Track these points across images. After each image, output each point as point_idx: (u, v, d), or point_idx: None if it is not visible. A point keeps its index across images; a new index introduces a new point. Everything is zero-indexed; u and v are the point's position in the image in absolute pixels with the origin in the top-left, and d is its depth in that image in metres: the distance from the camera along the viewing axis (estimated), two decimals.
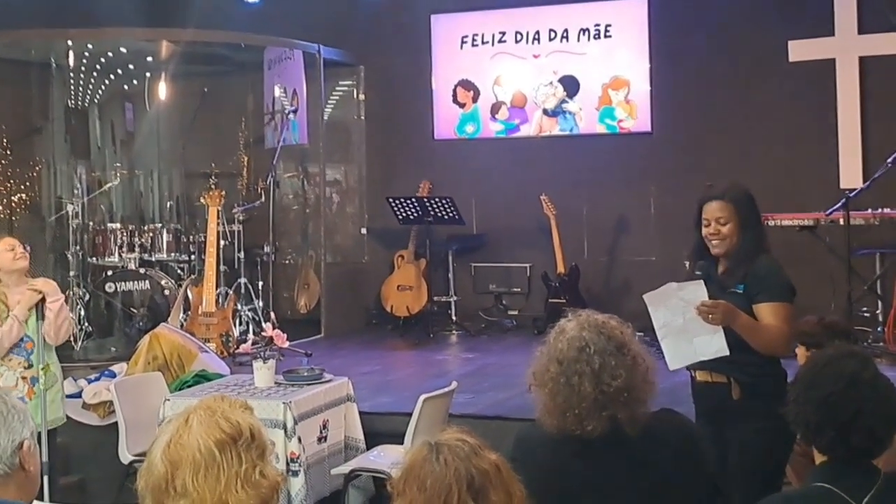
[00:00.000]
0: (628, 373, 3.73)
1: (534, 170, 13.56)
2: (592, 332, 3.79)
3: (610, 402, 3.70)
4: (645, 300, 5.41)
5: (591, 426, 3.72)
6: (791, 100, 12.57)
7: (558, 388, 3.76)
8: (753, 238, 5.48)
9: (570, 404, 3.73)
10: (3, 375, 7.07)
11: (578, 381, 3.72)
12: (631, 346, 3.80)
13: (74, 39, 12.64)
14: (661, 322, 5.34)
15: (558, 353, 3.81)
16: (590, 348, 3.75)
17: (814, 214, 10.88)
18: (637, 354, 3.79)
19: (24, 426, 3.23)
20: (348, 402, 7.85)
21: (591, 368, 3.72)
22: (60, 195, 13.22)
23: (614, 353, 3.74)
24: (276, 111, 13.74)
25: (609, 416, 3.71)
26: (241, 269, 12.56)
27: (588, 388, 3.70)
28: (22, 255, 7.17)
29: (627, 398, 3.71)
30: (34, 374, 7.11)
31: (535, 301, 13.40)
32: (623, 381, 3.70)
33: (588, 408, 3.71)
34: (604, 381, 3.70)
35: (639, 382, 3.75)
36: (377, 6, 13.97)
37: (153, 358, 9.11)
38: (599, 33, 13.56)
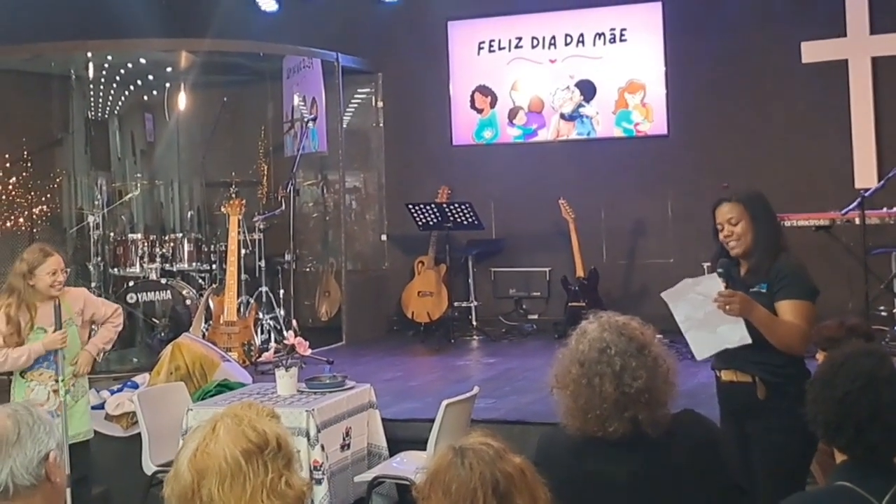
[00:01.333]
0: (649, 374, 3.74)
1: (552, 174, 13.58)
2: (613, 333, 3.81)
3: (631, 404, 3.71)
4: (664, 298, 5.47)
5: (612, 427, 3.73)
6: (805, 100, 12.59)
7: (580, 390, 3.78)
8: (768, 233, 5.51)
9: (591, 405, 3.75)
10: (34, 390, 7.11)
11: (600, 383, 3.73)
12: (652, 348, 3.81)
13: (94, 51, 12.71)
14: (683, 316, 5.40)
15: (580, 355, 3.83)
16: (611, 349, 3.76)
17: (829, 214, 10.87)
18: (658, 356, 3.80)
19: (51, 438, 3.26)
20: (371, 408, 7.87)
21: (612, 370, 3.73)
22: (81, 206, 13.28)
23: (635, 355, 3.75)
24: (296, 119, 13.77)
25: (630, 418, 3.72)
26: (262, 277, 12.60)
27: (609, 390, 3.71)
28: (60, 284, 7.14)
29: (649, 399, 3.72)
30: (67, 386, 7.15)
31: (555, 305, 13.42)
32: (644, 382, 3.71)
33: (610, 409, 3.72)
34: (625, 382, 3.71)
35: (660, 383, 3.76)
36: (394, 14, 14.04)
37: (175, 368, 9.13)
38: (615, 37, 13.59)
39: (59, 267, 7.15)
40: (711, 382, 5.78)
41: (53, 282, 7.07)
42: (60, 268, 7.16)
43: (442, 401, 7.01)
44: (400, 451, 7.77)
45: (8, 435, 3.19)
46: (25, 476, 3.17)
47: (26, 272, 7.07)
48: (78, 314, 7.33)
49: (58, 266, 7.13)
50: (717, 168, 12.49)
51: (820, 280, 5.55)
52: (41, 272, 7.05)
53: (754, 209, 5.51)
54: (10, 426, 3.23)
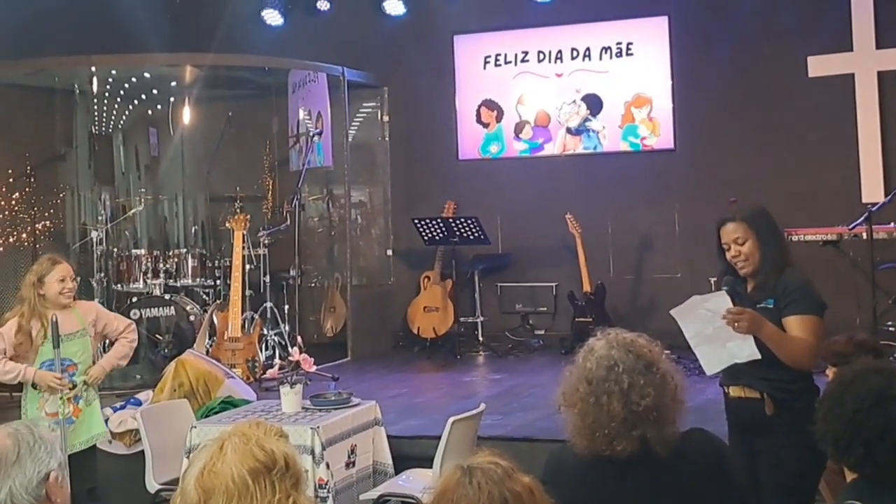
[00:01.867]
0: (657, 391, 3.69)
1: (558, 188, 13.56)
2: (621, 350, 3.76)
3: (639, 422, 3.67)
4: (673, 314, 5.43)
5: (620, 446, 3.69)
6: (811, 115, 12.59)
7: (588, 408, 3.74)
8: (775, 250, 5.47)
9: (599, 424, 3.71)
10: (48, 401, 7.08)
11: (608, 401, 3.69)
12: (660, 365, 3.76)
13: (98, 65, 12.67)
14: (693, 332, 5.38)
15: (587, 373, 3.78)
16: (619, 367, 3.72)
17: (837, 229, 10.86)
18: (666, 373, 3.76)
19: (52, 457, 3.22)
20: (376, 426, 7.81)
21: (620, 388, 3.69)
22: (84, 222, 13.22)
23: (643, 372, 3.71)
24: (301, 134, 13.76)
25: (639, 436, 3.68)
26: (266, 293, 12.54)
27: (617, 408, 3.67)
28: (69, 291, 7.16)
29: (657, 417, 3.68)
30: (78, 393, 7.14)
31: (562, 320, 13.38)
32: (652, 400, 3.67)
33: (618, 427, 3.68)
34: (633, 400, 3.67)
35: (668, 401, 3.72)
36: (400, 28, 14.04)
37: (179, 385, 9.09)
38: (621, 51, 13.58)
39: (68, 274, 7.17)
40: (720, 398, 5.74)
41: (62, 289, 7.09)
42: (69, 275, 7.19)
43: (448, 417, 6.96)
44: (406, 468, 7.70)
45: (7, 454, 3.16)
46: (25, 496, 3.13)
47: (35, 281, 7.11)
48: (91, 325, 7.31)
49: (66, 273, 7.16)
50: (724, 182, 12.46)
51: (827, 295, 5.50)
52: (50, 280, 7.08)
53: (759, 227, 5.48)
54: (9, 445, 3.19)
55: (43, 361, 7.10)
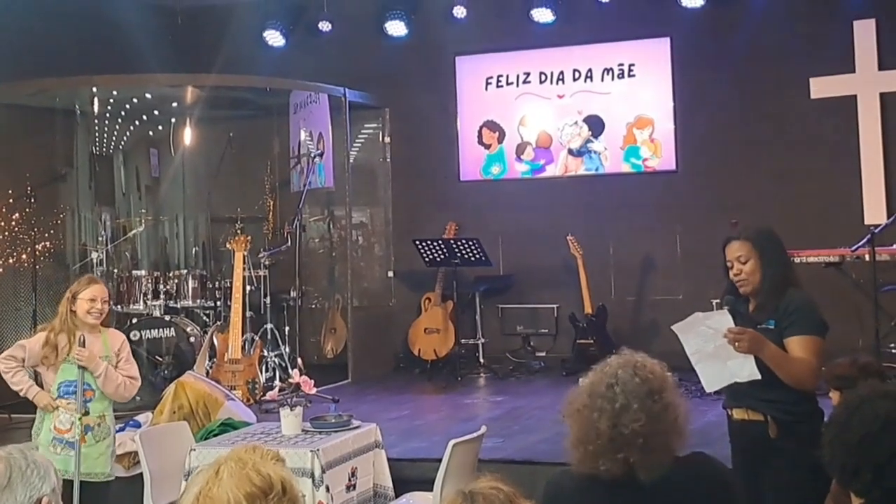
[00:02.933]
0: (651, 419, 3.63)
1: (560, 210, 13.56)
2: (627, 371, 3.71)
3: (625, 445, 3.62)
4: (674, 330, 5.42)
5: (605, 466, 3.64)
6: (814, 136, 12.62)
7: (581, 421, 3.71)
8: (777, 271, 5.46)
9: (588, 439, 3.67)
10: (59, 416, 7.03)
11: (597, 418, 3.65)
12: (664, 394, 3.69)
13: (99, 86, 12.69)
14: (693, 348, 5.37)
15: (591, 386, 3.75)
16: (617, 387, 3.67)
17: (839, 251, 10.83)
18: (669, 404, 3.69)
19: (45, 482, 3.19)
20: (377, 448, 7.77)
21: (612, 407, 3.64)
22: (85, 242, 13.20)
23: (641, 397, 3.65)
24: (302, 155, 13.76)
25: (623, 459, 3.63)
26: (267, 314, 12.52)
27: (604, 427, 3.63)
28: (97, 312, 7.11)
29: (643, 444, 3.62)
30: (89, 423, 7.08)
31: (563, 342, 13.34)
32: (641, 427, 3.61)
33: (603, 446, 3.64)
34: (622, 422, 3.62)
35: (661, 431, 3.65)
36: (402, 49, 14.03)
37: (179, 407, 9.05)
38: (623, 73, 13.58)
39: (100, 296, 7.13)
40: (723, 421, 5.72)
41: (91, 308, 7.05)
42: (101, 297, 7.14)
43: (449, 440, 6.92)
44: (406, 491, 7.66)
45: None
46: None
47: (70, 297, 7.09)
48: (115, 354, 7.26)
49: (98, 294, 7.11)
50: (726, 204, 12.45)
51: (829, 317, 5.48)
52: (82, 298, 7.05)
53: (763, 247, 5.47)
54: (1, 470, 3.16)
55: (61, 382, 7.05)
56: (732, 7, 12.82)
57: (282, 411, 7.57)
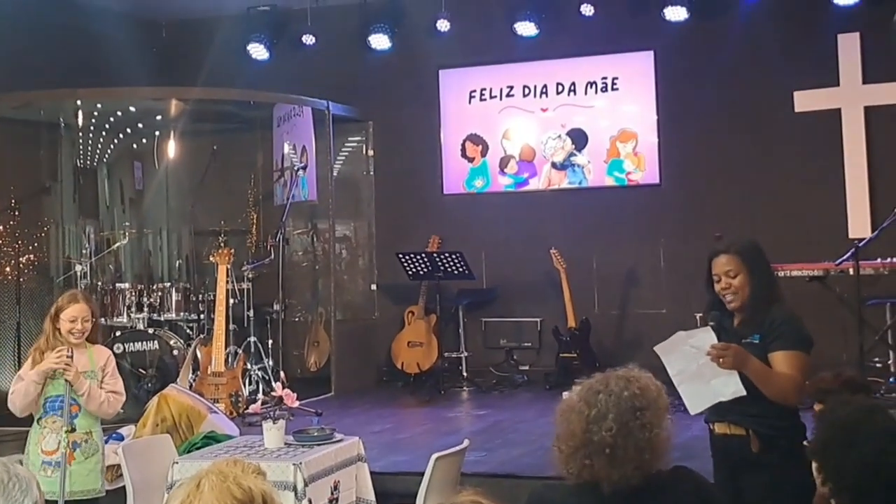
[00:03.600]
0: (622, 432, 3.61)
1: (543, 223, 13.57)
2: (620, 383, 3.71)
3: (592, 452, 3.62)
4: (657, 351, 5.39)
5: (572, 470, 3.66)
6: (798, 150, 12.64)
7: (563, 421, 3.73)
8: (764, 286, 5.46)
9: (564, 439, 3.70)
10: (45, 438, 6.99)
11: (575, 419, 3.67)
12: (646, 413, 3.67)
13: (83, 99, 12.67)
14: (676, 369, 5.33)
15: (583, 390, 3.76)
16: (602, 395, 3.68)
17: (823, 265, 10.85)
18: (648, 423, 3.66)
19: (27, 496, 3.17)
20: (359, 462, 7.75)
21: (590, 412, 3.65)
22: (69, 255, 13.17)
23: (622, 409, 3.64)
24: (286, 168, 13.74)
25: (589, 466, 3.64)
26: (250, 327, 12.51)
27: (577, 429, 3.65)
28: (78, 332, 7.03)
29: (609, 454, 3.61)
30: (76, 440, 7.04)
31: (547, 356, 13.34)
32: (611, 437, 3.60)
33: (574, 448, 3.65)
34: (593, 428, 3.62)
35: (630, 445, 3.62)
36: (386, 62, 14.03)
37: (162, 420, 9.01)
38: (607, 86, 13.61)
39: (80, 315, 7.04)
40: (705, 435, 5.71)
41: (72, 328, 7.00)
42: (82, 316, 7.06)
43: (431, 454, 6.91)
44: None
45: None
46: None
47: (53, 315, 7.02)
48: (100, 370, 7.23)
49: (79, 314, 7.03)
50: (710, 217, 12.48)
51: (814, 331, 5.47)
52: (64, 317, 6.99)
53: (752, 261, 5.45)
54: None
55: (47, 397, 7.01)
56: (716, 21, 12.85)
57: (264, 424, 7.55)
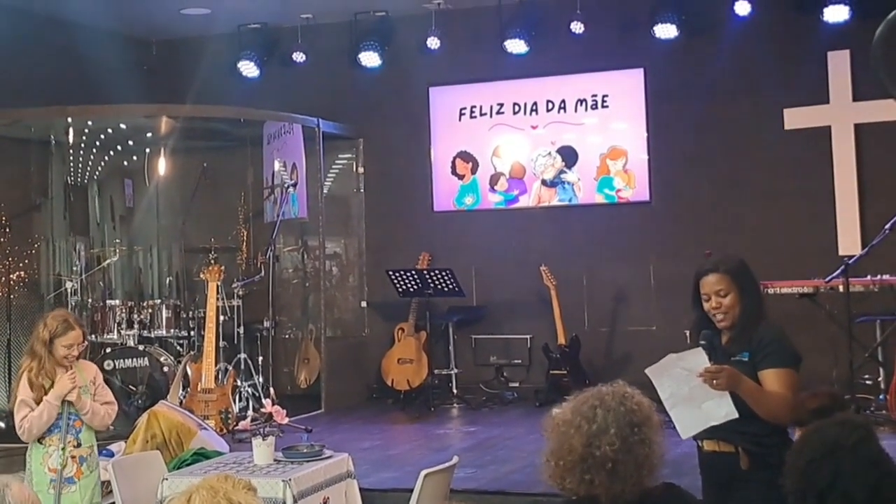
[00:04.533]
0: (624, 447, 3.63)
1: (533, 240, 13.59)
2: (616, 399, 3.72)
3: (594, 467, 3.63)
4: (648, 374, 5.36)
5: (570, 485, 3.66)
6: (788, 167, 12.66)
7: (557, 436, 3.73)
8: (754, 304, 5.43)
9: (560, 454, 3.69)
10: (51, 455, 6.98)
11: (573, 434, 3.67)
12: (644, 428, 3.69)
13: (74, 116, 12.68)
14: (668, 393, 5.28)
15: (575, 405, 3.76)
16: (600, 409, 3.69)
17: (813, 282, 10.83)
18: (646, 439, 3.68)
19: None
20: (349, 478, 7.74)
21: (590, 427, 3.66)
22: (59, 272, 13.17)
23: (621, 425, 3.66)
24: (276, 185, 13.73)
25: (589, 481, 3.64)
26: (240, 344, 12.52)
27: (577, 444, 3.65)
28: (73, 357, 7.03)
29: (611, 469, 3.62)
30: (83, 454, 7.05)
31: (537, 373, 13.36)
32: (613, 452, 3.62)
33: (573, 463, 3.65)
34: (595, 443, 3.63)
35: (631, 461, 3.65)
36: (376, 79, 14.07)
37: (152, 436, 9.00)
38: (597, 104, 13.63)
39: (76, 342, 7.07)
40: (694, 452, 5.68)
41: (68, 354, 7.00)
42: (78, 342, 7.08)
43: (421, 470, 6.91)
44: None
45: None
46: None
47: (47, 340, 6.98)
48: (91, 383, 7.23)
49: (75, 341, 7.05)
50: (700, 235, 12.50)
51: (804, 348, 5.47)
52: (59, 343, 6.98)
53: (741, 280, 5.43)
54: None
55: None
56: (706, 38, 12.89)
57: (254, 441, 7.55)
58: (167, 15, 13.90)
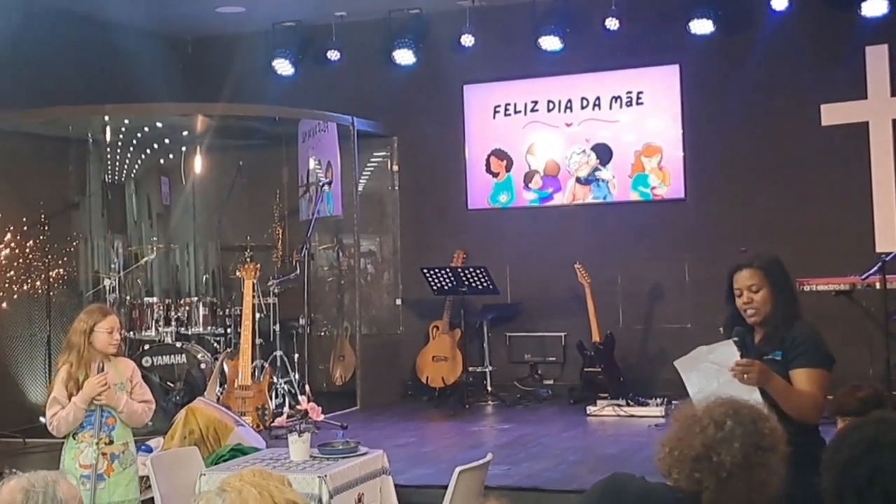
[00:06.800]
0: (744, 464, 3.60)
1: (567, 238, 13.56)
2: (751, 416, 3.69)
3: (706, 469, 3.59)
4: (676, 366, 5.37)
5: (677, 476, 3.63)
6: (825, 163, 12.57)
7: (682, 426, 3.69)
8: (787, 302, 5.42)
9: (676, 444, 3.67)
10: (83, 452, 7.04)
11: (698, 432, 3.63)
12: (768, 455, 3.65)
13: (111, 115, 12.76)
14: (696, 388, 5.29)
15: (710, 406, 3.72)
16: (731, 421, 3.64)
17: (850, 279, 10.76)
18: (766, 465, 3.64)
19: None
20: (384, 475, 7.77)
21: (715, 433, 3.62)
22: (97, 270, 13.26)
23: (747, 443, 3.62)
24: (311, 183, 13.79)
25: (697, 480, 3.60)
26: (276, 341, 12.57)
27: (697, 443, 3.61)
28: (117, 342, 7.17)
29: (725, 478, 3.58)
30: (115, 451, 7.11)
31: (571, 370, 13.34)
32: (732, 464, 3.58)
33: (685, 457, 3.62)
34: (716, 449, 3.58)
35: (745, 477, 3.61)
36: (410, 77, 14.08)
37: (189, 432, 9.08)
38: (632, 100, 13.59)
39: (116, 326, 7.15)
40: None
41: (111, 339, 7.07)
42: (117, 327, 7.16)
43: (455, 467, 6.92)
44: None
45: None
46: None
47: (87, 330, 7.04)
48: (128, 380, 7.29)
49: (114, 325, 7.13)
50: (735, 232, 12.43)
51: (839, 346, 5.47)
52: (100, 329, 7.04)
53: (774, 277, 5.42)
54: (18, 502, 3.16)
55: None
56: (742, 34, 12.83)
57: (290, 437, 7.59)
58: (202, 13, 13.98)
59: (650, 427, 10.89)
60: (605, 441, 10.61)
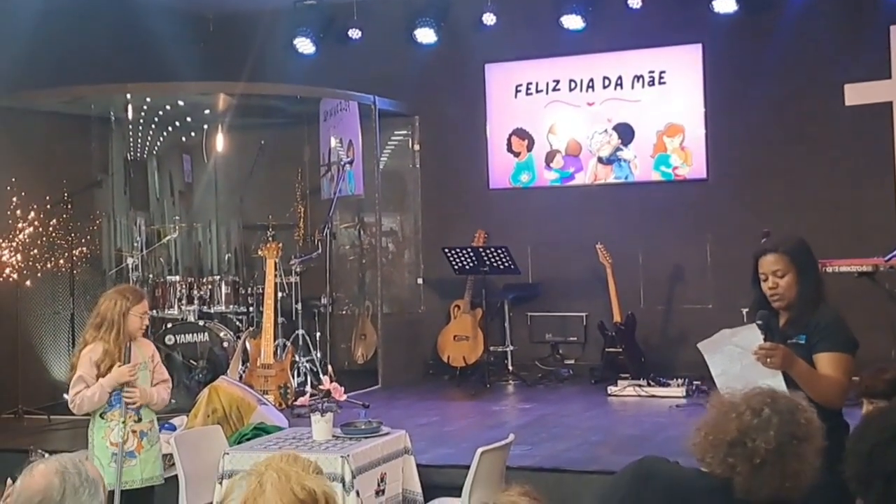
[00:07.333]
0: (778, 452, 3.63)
1: (589, 218, 13.54)
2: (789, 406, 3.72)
3: (740, 454, 3.63)
4: (700, 349, 5.38)
5: (711, 460, 3.68)
6: (848, 144, 12.51)
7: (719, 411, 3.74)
8: (812, 287, 5.42)
9: (712, 428, 3.71)
10: (113, 430, 7.08)
11: (734, 418, 3.67)
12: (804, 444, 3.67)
13: (133, 93, 12.76)
14: (720, 370, 5.30)
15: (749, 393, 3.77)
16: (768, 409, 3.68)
17: (872, 260, 10.70)
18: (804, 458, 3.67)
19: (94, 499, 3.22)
20: (406, 454, 7.82)
21: (751, 419, 3.66)
22: (120, 248, 13.29)
23: (783, 432, 3.65)
24: (333, 162, 13.80)
25: (730, 465, 3.65)
26: (298, 320, 12.60)
27: (733, 428, 3.66)
28: (146, 326, 7.27)
29: (758, 465, 3.62)
30: (143, 429, 7.16)
31: (592, 350, 13.35)
32: (766, 451, 3.62)
33: (720, 441, 3.67)
34: (751, 435, 3.63)
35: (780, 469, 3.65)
36: (431, 56, 14.06)
37: (212, 411, 9.13)
38: (654, 80, 13.55)
39: (147, 310, 7.21)
40: None
41: (143, 323, 7.13)
42: (147, 311, 7.22)
43: (477, 447, 6.95)
44: (435, 497, 7.72)
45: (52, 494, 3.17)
46: None
47: (124, 311, 7.04)
48: (150, 360, 7.33)
49: (146, 309, 7.22)
50: (758, 213, 12.40)
51: (862, 327, 5.46)
52: (135, 311, 7.07)
53: (800, 261, 5.42)
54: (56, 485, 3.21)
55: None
56: (766, 13, 12.77)
57: (313, 417, 7.63)
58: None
59: (671, 408, 10.91)
60: (626, 421, 10.62)
